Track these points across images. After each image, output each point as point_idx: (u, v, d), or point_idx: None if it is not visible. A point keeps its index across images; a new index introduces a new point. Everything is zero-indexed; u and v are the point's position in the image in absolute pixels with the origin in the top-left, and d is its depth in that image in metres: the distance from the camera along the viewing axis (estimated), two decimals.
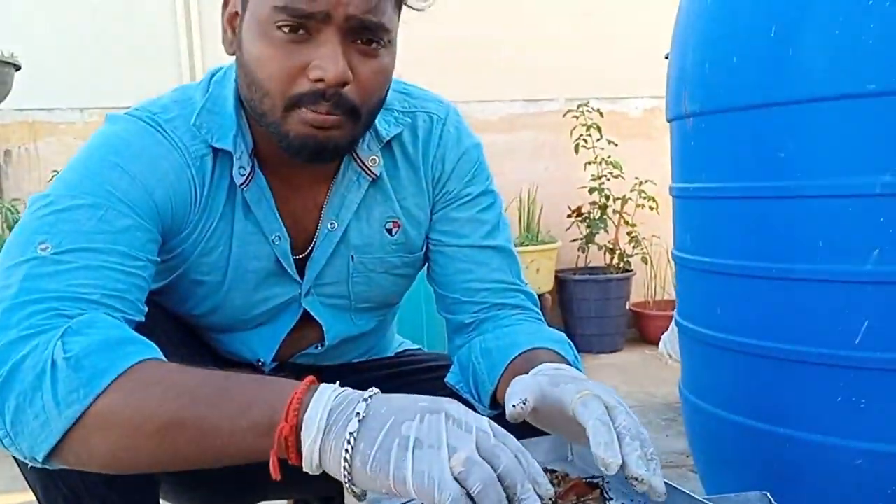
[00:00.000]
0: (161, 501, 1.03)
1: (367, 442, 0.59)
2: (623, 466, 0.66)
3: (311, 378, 0.66)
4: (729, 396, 1.22)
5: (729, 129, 1.21)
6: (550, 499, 0.69)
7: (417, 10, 0.88)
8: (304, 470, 0.63)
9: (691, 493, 0.75)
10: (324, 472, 0.63)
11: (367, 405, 0.61)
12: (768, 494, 0.86)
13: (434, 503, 0.57)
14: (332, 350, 1.06)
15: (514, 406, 0.70)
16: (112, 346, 0.68)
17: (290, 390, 0.64)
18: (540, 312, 1.05)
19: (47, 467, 0.69)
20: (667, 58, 3.17)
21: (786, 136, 1.12)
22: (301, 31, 0.79)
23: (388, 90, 0.88)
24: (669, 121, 1.41)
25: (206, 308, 0.96)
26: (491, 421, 0.63)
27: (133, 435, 0.65)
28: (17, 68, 2.76)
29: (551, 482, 0.73)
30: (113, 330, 0.70)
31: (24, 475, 0.89)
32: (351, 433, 0.60)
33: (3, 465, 1.83)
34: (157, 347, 0.72)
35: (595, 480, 0.77)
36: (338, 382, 0.66)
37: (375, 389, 0.64)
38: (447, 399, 0.64)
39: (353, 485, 0.61)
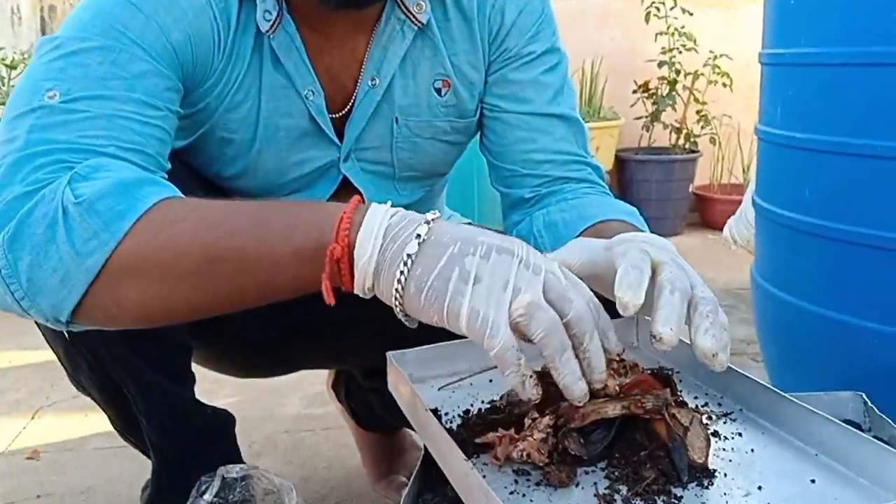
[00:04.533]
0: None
1: (424, 268, 0.55)
2: (651, 322, 0.57)
3: (358, 197, 0.60)
4: (812, 286, 1.11)
5: None
6: (619, 386, 0.63)
7: None
8: (356, 292, 0.58)
9: (777, 390, 0.66)
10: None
11: (430, 228, 0.56)
12: (863, 395, 0.77)
13: (482, 346, 0.53)
14: None
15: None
16: (128, 188, 0.61)
17: (337, 210, 0.58)
18: (607, 187, 0.94)
19: (72, 330, 0.64)
20: None
21: None
22: None
23: None
24: None
25: (237, 170, 0.88)
26: (563, 266, 0.57)
27: (166, 278, 0.59)
28: None
29: (618, 371, 0.65)
30: (126, 171, 0.63)
31: (44, 336, 0.85)
32: (409, 255, 0.55)
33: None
34: (175, 188, 0.64)
35: (666, 372, 0.69)
36: (390, 203, 0.60)
37: (437, 213, 0.58)
38: (516, 239, 0.57)
39: (405, 312, 0.57)
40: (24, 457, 1.36)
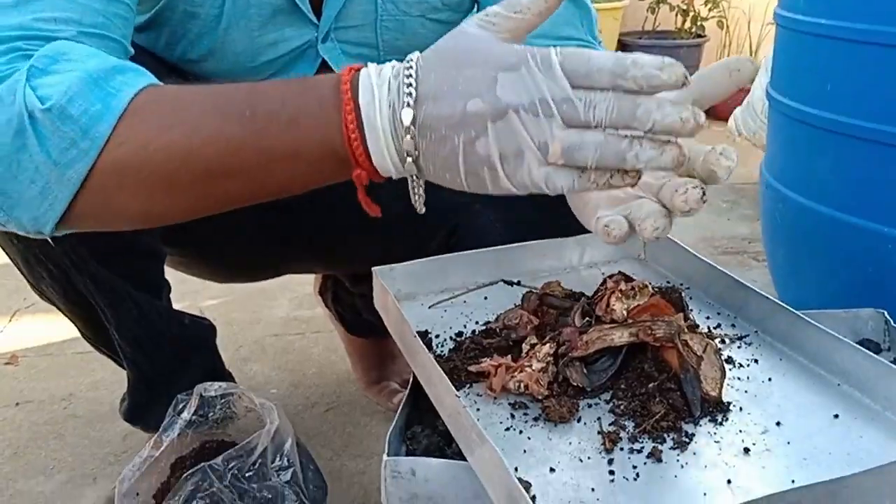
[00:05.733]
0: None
1: (436, 165, 0.49)
2: None
3: (346, 82, 0.52)
4: (829, 188, 1.03)
5: None
6: (626, 310, 0.58)
7: None
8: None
9: (795, 311, 0.61)
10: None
11: (415, 94, 0.52)
12: (885, 313, 0.71)
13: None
14: None
15: None
16: (98, 82, 0.52)
17: (334, 109, 0.51)
18: None
19: (46, 238, 0.58)
20: None
21: None
22: None
23: None
24: None
25: (203, 51, 0.79)
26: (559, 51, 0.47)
27: (168, 188, 0.53)
28: None
29: (626, 294, 0.60)
30: (91, 60, 0.54)
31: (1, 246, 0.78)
32: (414, 162, 0.50)
33: None
34: (147, 71, 0.56)
35: (676, 293, 0.63)
36: (372, 79, 0.54)
37: (416, 55, 0.53)
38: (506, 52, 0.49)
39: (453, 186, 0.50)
40: (3, 362, 1.32)
